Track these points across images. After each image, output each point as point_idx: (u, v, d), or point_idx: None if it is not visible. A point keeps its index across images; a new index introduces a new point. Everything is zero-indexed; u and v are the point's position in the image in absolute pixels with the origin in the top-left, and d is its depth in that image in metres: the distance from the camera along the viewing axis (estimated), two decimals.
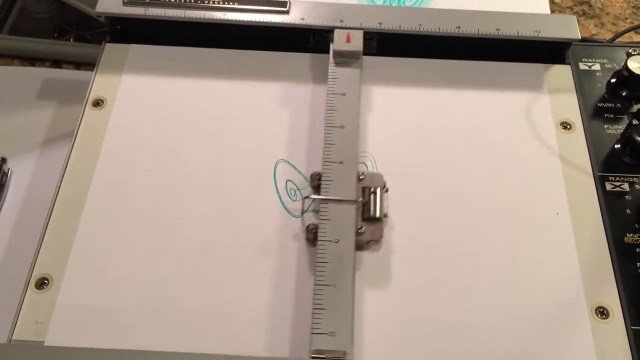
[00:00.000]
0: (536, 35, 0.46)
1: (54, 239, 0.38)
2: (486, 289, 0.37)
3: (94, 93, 0.45)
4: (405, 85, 0.46)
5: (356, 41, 0.45)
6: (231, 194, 0.40)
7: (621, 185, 0.41)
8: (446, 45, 0.47)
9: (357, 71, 0.45)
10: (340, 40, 0.45)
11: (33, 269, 0.37)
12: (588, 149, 0.43)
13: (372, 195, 0.39)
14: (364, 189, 0.40)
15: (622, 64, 0.45)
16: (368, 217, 0.39)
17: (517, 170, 0.42)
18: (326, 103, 0.43)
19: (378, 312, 0.36)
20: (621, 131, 0.44)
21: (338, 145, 0.41)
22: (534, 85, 0.46)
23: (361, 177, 0.40)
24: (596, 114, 0.45)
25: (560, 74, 0.47)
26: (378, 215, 0.38)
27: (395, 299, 0.37)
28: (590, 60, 0.48)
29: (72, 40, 0.56)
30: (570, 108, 0.45)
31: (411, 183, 0.41)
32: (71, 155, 0.42)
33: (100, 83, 0.45)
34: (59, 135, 0.49)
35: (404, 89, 0.46)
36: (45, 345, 0.34)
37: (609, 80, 0.46)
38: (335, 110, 0.42)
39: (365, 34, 0.46)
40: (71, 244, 0.38)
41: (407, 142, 0.43)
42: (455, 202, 0.40)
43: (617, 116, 0.45)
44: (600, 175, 0.42)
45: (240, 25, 0.46)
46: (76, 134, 0.43)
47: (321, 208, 0.38)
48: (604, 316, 0.36)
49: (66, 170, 0.41)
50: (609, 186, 0.41)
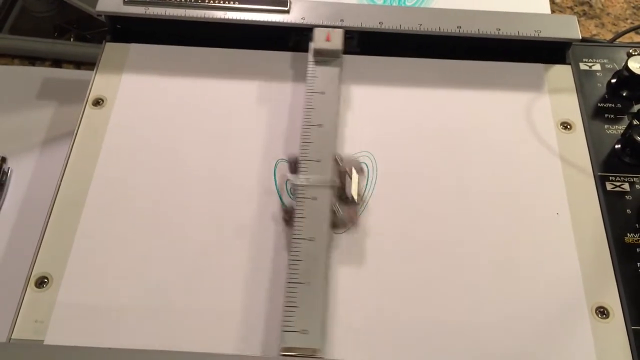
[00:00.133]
0: (537, 35, 0.46)
1: (54, 238, 0.38)
2: (486, 288, 0.37)
3: (94, 92, 0.45)
4: (405, 85, 0.46)
5: (336, 40, 0.45)
6: (231, 194, 0.40)
7: (621, 185, 0.41)
8: (446, 45, 0.47)
9: (337, 70, 0.45)
10: (320, 39, 0.45)
11: (33, 267, 0.37)
12: (588, 149, 0.43)
13: (348, 178, 0.40)
14: (340, 172, 0.40)
15: (623, 64, 0.45)
16: (344, 199, 0.40)
17: (517, 170, 0.42)
18: (305, 101, 0.43)
19: (377, 312, 0.36)
20: (621, 131, 0.44)
21: (315, 144, 0.41)
22: (535, 85, 0.46)
23: (338, 161, 0.41)
24: (596, 114, 0.45)
25: (561, 74, 0.47)
26: (354, 197, 0.39)
27: (395, 299, 0.37)
28: (590, 60, 0.48)
29: (72, 39, 0.56)
30: (571, 108, 0.45)
31: (411, 183, 0.41)
32: (71, 155, 0.42)
33: (101, 82, 0.45)
34: (59, 135, 0.49)
35: (404, 89, 0.46)
36: (45, 344, 0.34)
37: (610, 81, 0.46)
38: (313, 109, 0.42)
39: (346, 33, 0.46)
40: (71, 243, 0.38)
41: (407, 142, 0.43)
42: (455, 202, 0.40)
43: (618, 116, 0.45)
44: (600, 175, 0.42)
45: (240, 24, 0.46)
46: (76, 134, 0.43)
47: (298, 191, 0.39)
48: (604, 316, 0.36)
49: (66, 169, 0.41)
50: (609, 186, 0.41)
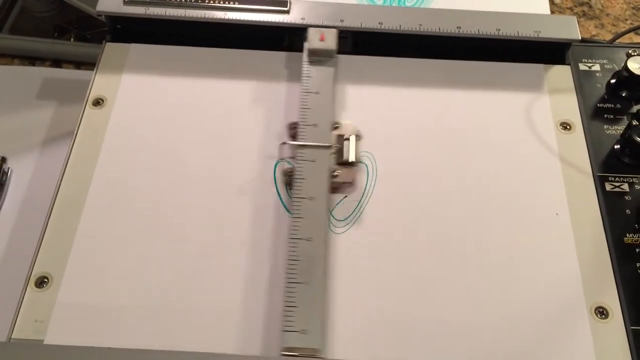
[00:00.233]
0: (536, 35, 0.46)
1: (54, 237, 0.38)
2: (486, 288, 0.37)
3: (94, 92, 0.45)
4: (404, 85, 0.46)
5: (330, 40, 0.45)
6: (231, 194, 0.40)
7: (621, 185, 0.41)
8: (446, 46, 0.47)
9: (332, 70, 0.45)
10: (314, 39, 0.45)
11: (33, 267, 0.37)
12: (588, 149, 0.43)
13: (346, 142, 0.42)
14: (338, 136, 0.42)
15: (622, 65, 0.45)
16: (342, 162, 0.41)
17: (517, 171, 0.42)
18: (300, 101, 0.43)
19: (377, 312, 0.36)
20: (621, 132, 0.44)
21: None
22: (534, 85, 0.46)
23: (335, 125, 0.43)
24: (596, 114, 0.45)
25: (560, 74, 0.47)
26: (352, 159, 0.41)
27: (395, 299, 0.37)
28: (590, 60, 0.48)
29: (72, 39, 0.56)
30: (570, 108, 0.45)
31: (411, 183, 0.41)
32: (71, 155, 0.42)
33: (101, 82, 0.45)
34: (59, 135, 0.49)
35: (403, 89, 0.46)
36: (45, 343, 0.34)
37: (609, 81, 0.46)
38: (308, 108, 0.43)
39: (340, 33, 0.46)
40: (71, 243, 0.38)
41: (407, 142, 0.43)
42: (454, 202, 0.40)
43: (617, 117, 0.45)
44: (600, 175, 0.42)
45: (240, 24, 0.46)
46: (76, 134, 0.43)
47: (297, 154, 0.40)
48: (604, 316, 0.36)
49: (66, 169, 0.41)
50: (608, 186, 0.41)
